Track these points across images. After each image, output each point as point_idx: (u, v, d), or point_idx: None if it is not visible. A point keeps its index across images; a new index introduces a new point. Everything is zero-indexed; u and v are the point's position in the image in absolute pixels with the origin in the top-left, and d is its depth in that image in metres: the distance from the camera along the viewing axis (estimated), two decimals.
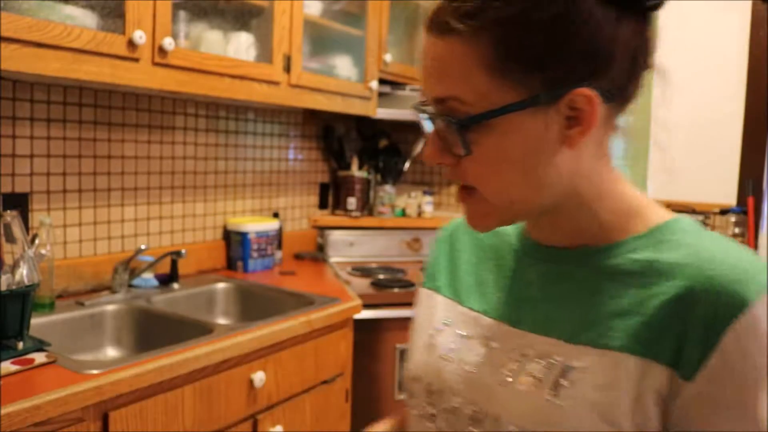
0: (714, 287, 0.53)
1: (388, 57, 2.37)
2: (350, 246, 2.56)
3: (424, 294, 0.77)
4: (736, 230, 2.32)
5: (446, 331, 0.69)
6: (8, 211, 1.29)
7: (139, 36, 1.47)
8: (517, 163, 0.57)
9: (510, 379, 0.60)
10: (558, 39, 0.53)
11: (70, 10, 1.41)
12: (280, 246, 2.32)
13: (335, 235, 2.54)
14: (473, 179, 0.59)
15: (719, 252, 0.56)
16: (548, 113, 0.55)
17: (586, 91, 0.55)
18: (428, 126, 0.61)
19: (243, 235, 2.16)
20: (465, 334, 0.68)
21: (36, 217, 1.63)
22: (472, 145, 0.56)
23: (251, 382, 1.49)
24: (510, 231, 0.72)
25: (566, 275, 0.62)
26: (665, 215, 0.62)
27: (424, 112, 0.60)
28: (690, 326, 0.53)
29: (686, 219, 0.62)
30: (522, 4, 0.53)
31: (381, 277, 2.27)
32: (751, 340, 0.51)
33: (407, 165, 2.83)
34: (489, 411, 0.61)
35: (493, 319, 0.66)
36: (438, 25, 0.56)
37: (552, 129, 0.56)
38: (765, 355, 0.51)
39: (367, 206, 2.69)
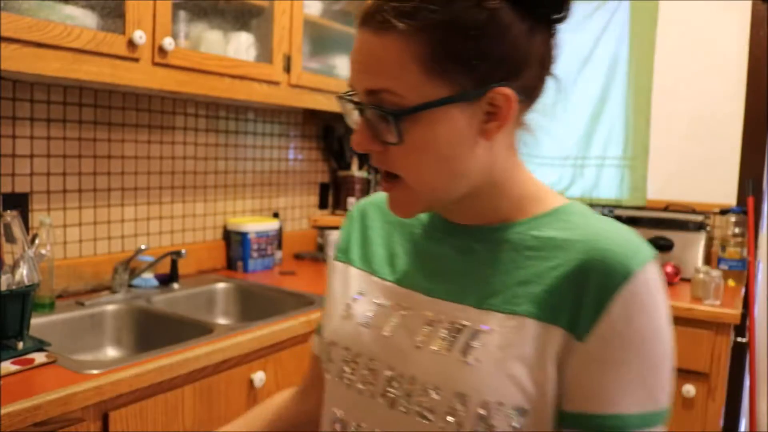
0: (605, 260, 0.60)
1: None
2: None
3: (338, 267, 0.82)
4: (736, 230, 2.32)
5: (362, 300, 0.75)
6: (8, 211, 1.29)
7: (139, 36, 1.47)
8: (442, 153, 0.62)
9: (423, 343, 0.66)
10: (483, 43, 0.60)
11: (70, 10, 1.41)
12: (280, 246, 2.32)
13: (335, 235, 2.53)
14: (399, 167, 0.64)
15: (608, 230, 0.64)
16: (472, 108, 0.62)
17: (505, 90, 0.61)
18: (356, 116, 0.65)
19: (243, 235, 2.16)
20: (380, 302, 0.73)
21: (36, 217, 1.63)
22: (402, 134, 0.61)
23: (251, 382, 1.49)
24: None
25: (474, 249, 0.69)
26: (561, 200, 0.70)
27: (353, 102, 0.65)
28: (584, 294, 0.60)
29: (579, 204, 0.70)
30: (454, 10, 0.59)
31: None
32: (636, 304, 0.59)
33: None
34: (405, 372, 0.66)
35: (406, 289, 0.72)
36: (376, 22, 0.61)
37: (474, 123, 0.62)
38: (645, 319, 0.59)
39: None
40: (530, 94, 0.66)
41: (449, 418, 0.62)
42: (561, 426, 0.62)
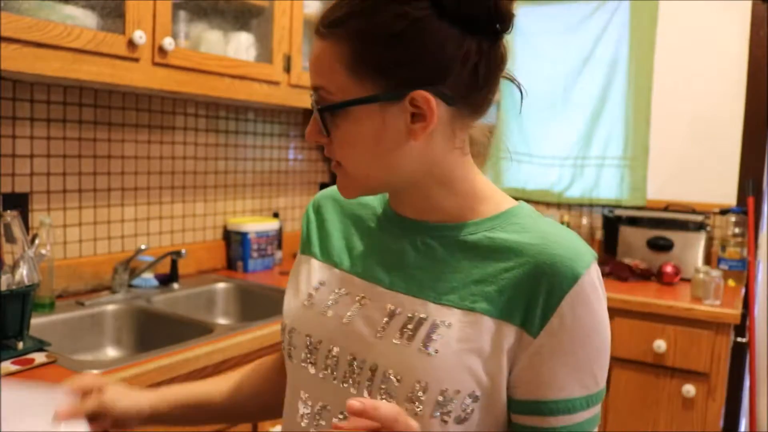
0: (554, 265, 0.66)
1: None
2: None
3: (302, 260, 0.86)
4: (736, 230, 2.32)
5: (322, 289, 0.78)
6: (8, 211, 1.29)
7: (139, 36, 1.47)
8: (368, 146, 0.68)
9: (383, 333, 0.70)
10: (400, 51, 0.65)
11: (70, 10, 1.41)
12: (280, 246, 2.32)
13: None
14: (338, 156, 0.71)
15: (557, 235, 0.69)
16: (396, 109, 0.67)
17: (423, 93, 0.65)
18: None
19: (243, 235, 2.16)
20: (341, 292, 0.77)
21: (36, 217, 1.63)
22: (333, 128, 0.69)
23: None
24: (375, 203, 0.82)
25: (431, 246, 0.73)
26: (510, 202, 0.75)
27: (311, 98, 0.72)
28: (536, 295, 0.66)
29: (527, 206, 0.75)
30: (373, 21, 0.65)
31: None
32: (581, 302, 0.66)
33: None
34: (367, 359, 0.70)
35: (366, 281, 0.76)
36: (318, 28, 0.69)
37: (398, 122, 0.67)
38: (589, 314, 0.66)
39: None
40: (465, 100, 0.68)
41: (409, 404, 0.66)
42: (514, 412, 0.68)
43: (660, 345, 1.99)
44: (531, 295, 0.66)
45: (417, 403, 0.66)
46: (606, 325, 0.69)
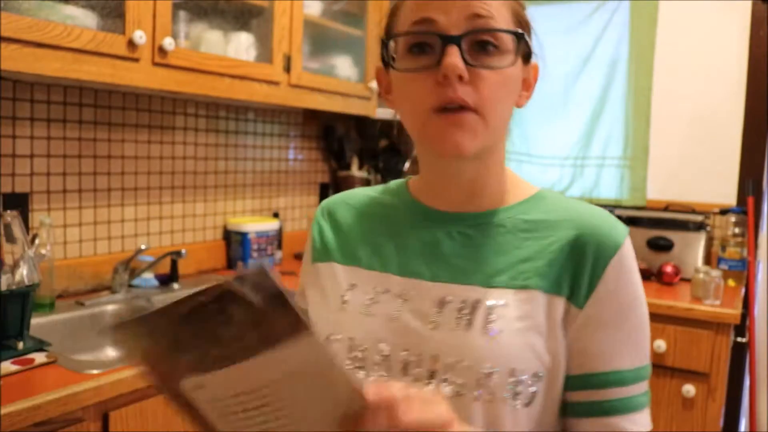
0: (596, 234, 0.68)
1: None
2: None
3: (320, 268, 0.81)
4: (736, 230, 2.32)
5: (356, 291, 0.75)
6: (8, 211, 1.29)
7: (139, 36, 1.47)
8: (511, 91, 0.70)
9: (437, 324, 0.68)
10: (527, 26, 0.72)
11: (70, 10, 1.41)
12: (280, 246, 2.32)
13: None
14: (483, 97, 0.66)
15: (590, 210, 0.72)
16: (521, 72, 0.71)
17: (537, 65, 0.74)
18: (441, 47, 0.66)
19: (243, 235, 2.16)
20: (378, 290, 0.74)
21: (36, 217, 1.63)
22: (497, 61, 0.67)
23: None
24: (392, 202, 0.81)
25: (468, 234, 0.73)
26: (533, 187, 0.78)
27: (443, 36, 0.66)
28: (582, 264, 0.68)
29: (549, 189, 0.78)
30: None
31: None
32: (623, 271, 0.68)
33: (407, 165, 2.83)
34: (423, 352, 0.67)
35: (404, 277, 0.73)
36: None
37: (519, 83, 0.71)
38: (631, 282, 0.69)
39: None
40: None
41: (479, 390, 0.64)
42: (566, 389, 0.68)
43: (660, 345, 1.99)
44: (577, 265, 0.68)
45: (488, 387, 0.64)
46: (644, 298, 0.70)
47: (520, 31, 0.68)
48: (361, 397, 0.51)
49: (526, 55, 0.72)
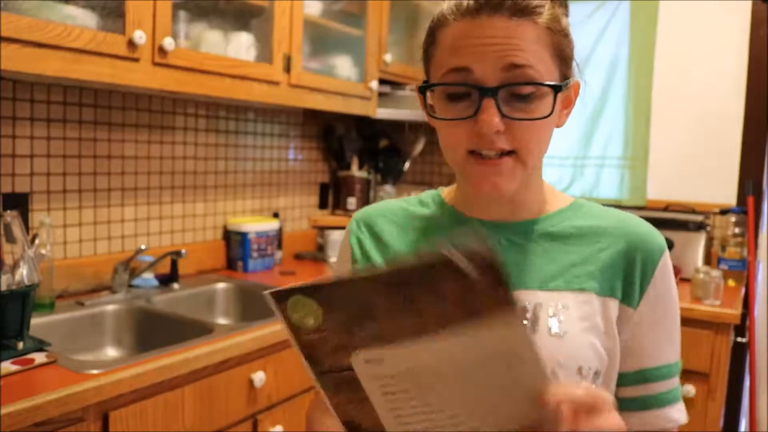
0: (644, 240, 0.73)
1: (388, 57, 2.37)
2: None
3: None
4: (736, 230, 2.32)
5: None
6: (8, 211, 1.29)
7: (139, 36, 1.47)
8: (548, 130, 0.71)
9: None
10: (569, 46, 0.72)
11: (70, 10, 1.41)
12: (280, 246, 2.32)
13: (335, 235, 2.54)
14: (522, 142, 0.68)
15: (632, 218, 0.76)
16: (561, 95, 0.71)
17: (577, 83, 0.75)
18: (478, 97, 0.66)
19: (243, 235, 2.16)
20: None
21: (36, 217, 1.63)
22: (537, 110, 0.68)
23: (251, 382, 1.49)
24: (429, 213, 0.81)
25: (515, 242, 0.75)
26: (568, 197, 0.81)
27: (479, 88, 0.66)
28: (632, 268, 0.72)
29: (583, 199, 0.81)
30: (554, 13, 0.69)
31: None
32: (667, 273, 0.74)
33: (407, 165, 2.83)
34: None
35: None
36: (512, 8, 0.66)
37: (557, 109, 0.71)
38: (672, 283, 0.75)
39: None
40: None
41: None
42: (620, 385, 0.74)
43: None
44: (628, 270, 0.72)
45: None
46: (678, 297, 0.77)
47: (557, 84, 0.68)
48: (544, 396, 0.49)
49: (567, 81, 0.72)
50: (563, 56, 0.70)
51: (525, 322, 0.59)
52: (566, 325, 0.70)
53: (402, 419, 0.53)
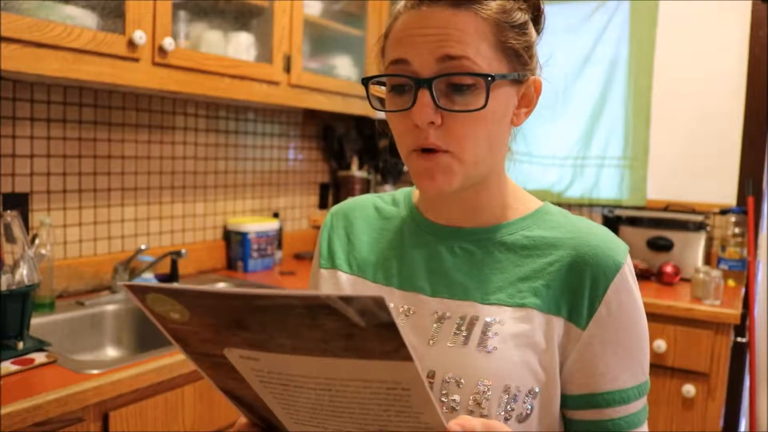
0: (597, 255, 0.68)
1: None
2: None
3: (324, 274, 0.81)
4: (736, 230, 2.32)
5: None
6: (8, 211, 1.29)
7: (139, 36, 1.47)
8: (490, 125, 0.67)
9: (435, 339, 0.69)
10: (523, 39, 0.68)
11: (70, 10, 1.41)
12: (280, 246, 2.32)
13: None
14: (454, 137, 0.66)
15: (592, 228, 0.71)
16: (515, 91, 0.69)
17: (539, 79, 0.70)
18: (412, 88, 0.66)
19: (243, 235, 2.16)
20: None
21: (36, 217, 1.63)
22: (470, 103, 0.64)
23: None
24: (396, 214, 0.81)
25: (469, 250, 0.73)
26: (536, 201, 0.76)
27: (413, 78, 0.65)
28: (581, 286, 0.67)
29: (551, 204, 0.77)
30: (504, 6, 0.67)
31: None
32: (624, 291, 0.68)
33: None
34: (422, 368, 0.66)
35: (407, 291, 0.74)
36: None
37: (511, 105, 0.69)
38: (632, 301, 0.68)
39: None
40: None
41: (475, 406, 0.65)
42: (570, 408, 0.69)
43: (660, 345, 1.98)
44: (576, 287, 0.67)
45: (483, 403, 0.65)
46: (644, 314, 0.70)
47: (489, 74, 0.64)
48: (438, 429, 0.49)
49: (523, 77, 0.69)
50: (513, 50, 0.67)
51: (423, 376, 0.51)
52: (497, 342, 0.66)
53: (280, 399, 0.53)
